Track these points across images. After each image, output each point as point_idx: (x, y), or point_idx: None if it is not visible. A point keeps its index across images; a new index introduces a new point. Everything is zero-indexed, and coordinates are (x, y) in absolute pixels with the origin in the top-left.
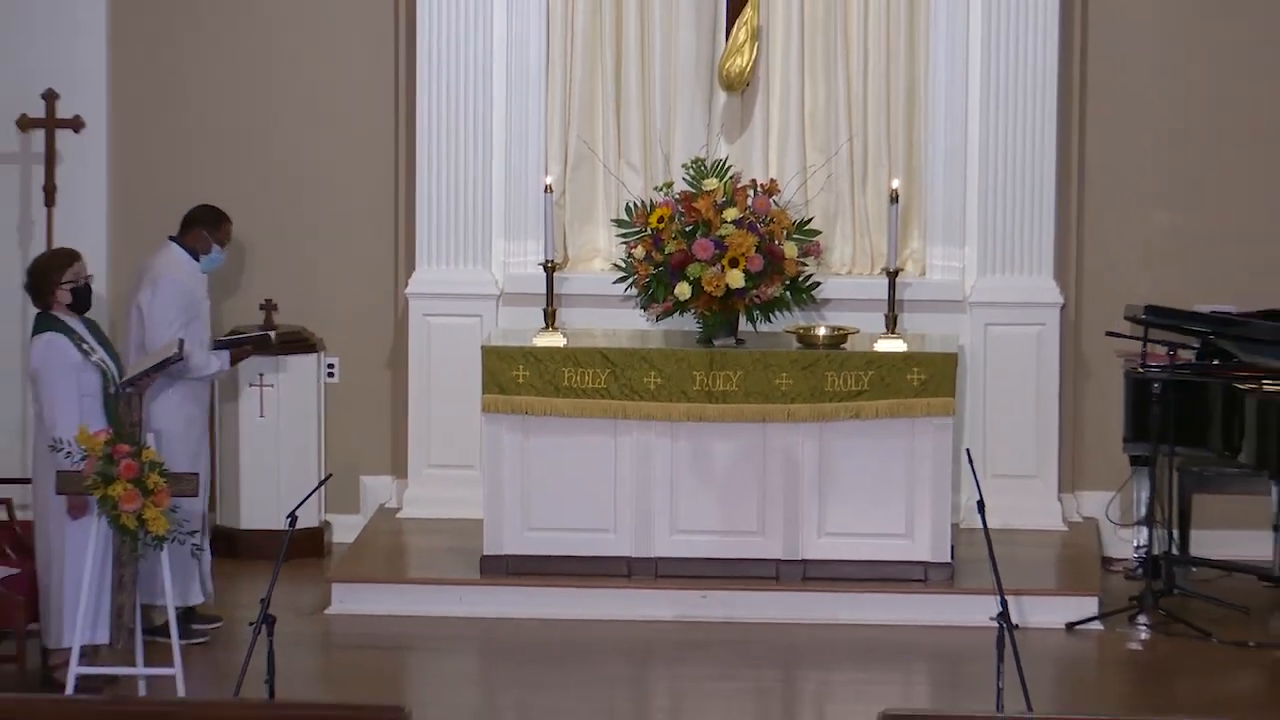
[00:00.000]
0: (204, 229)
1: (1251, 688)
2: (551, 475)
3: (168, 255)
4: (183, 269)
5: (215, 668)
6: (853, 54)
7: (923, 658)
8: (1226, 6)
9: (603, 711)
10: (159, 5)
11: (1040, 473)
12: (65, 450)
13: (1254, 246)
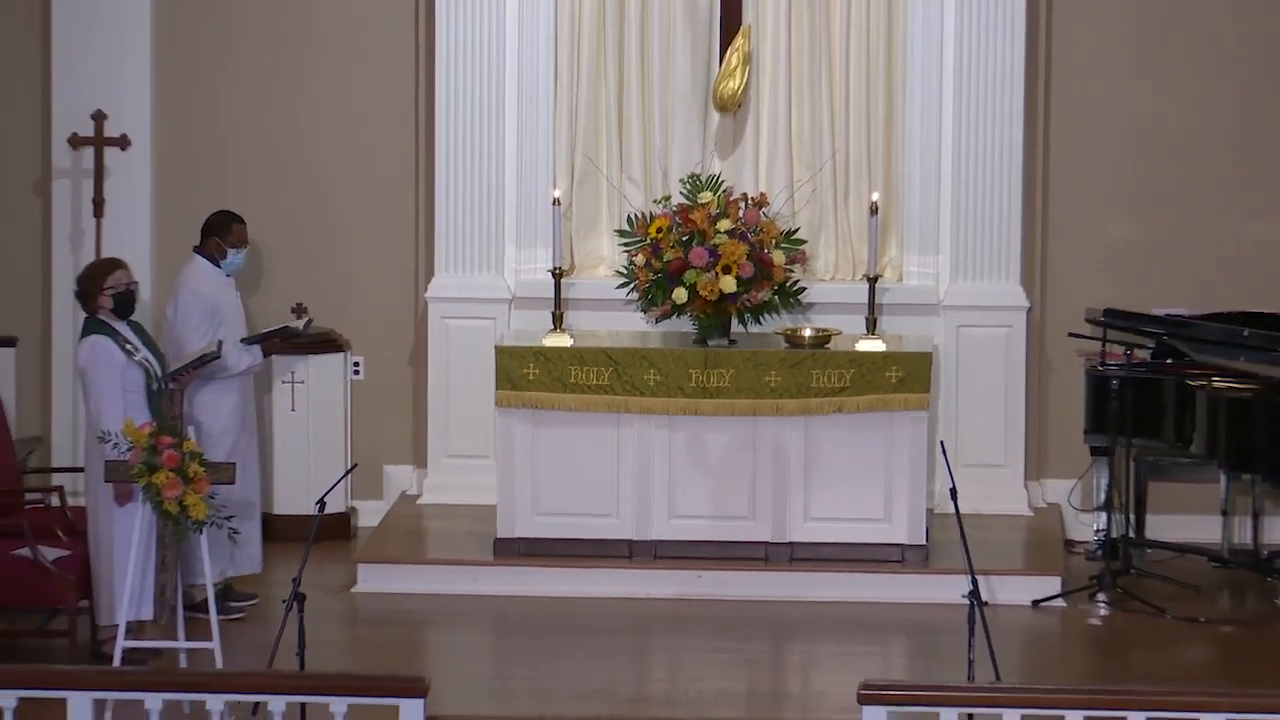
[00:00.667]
0: (216, 237)
1: (1201, 660)
2: (559, 465)
3: (191, 267)
4: (205, 279)
5: (250, 641)
6: (835, 78)
7: (900, 632)
8: (1175, 39)
9: (606, 680)
10: (198, 35)
11: (1008, 462)
12: (113, 442)
13: (1204, 254)
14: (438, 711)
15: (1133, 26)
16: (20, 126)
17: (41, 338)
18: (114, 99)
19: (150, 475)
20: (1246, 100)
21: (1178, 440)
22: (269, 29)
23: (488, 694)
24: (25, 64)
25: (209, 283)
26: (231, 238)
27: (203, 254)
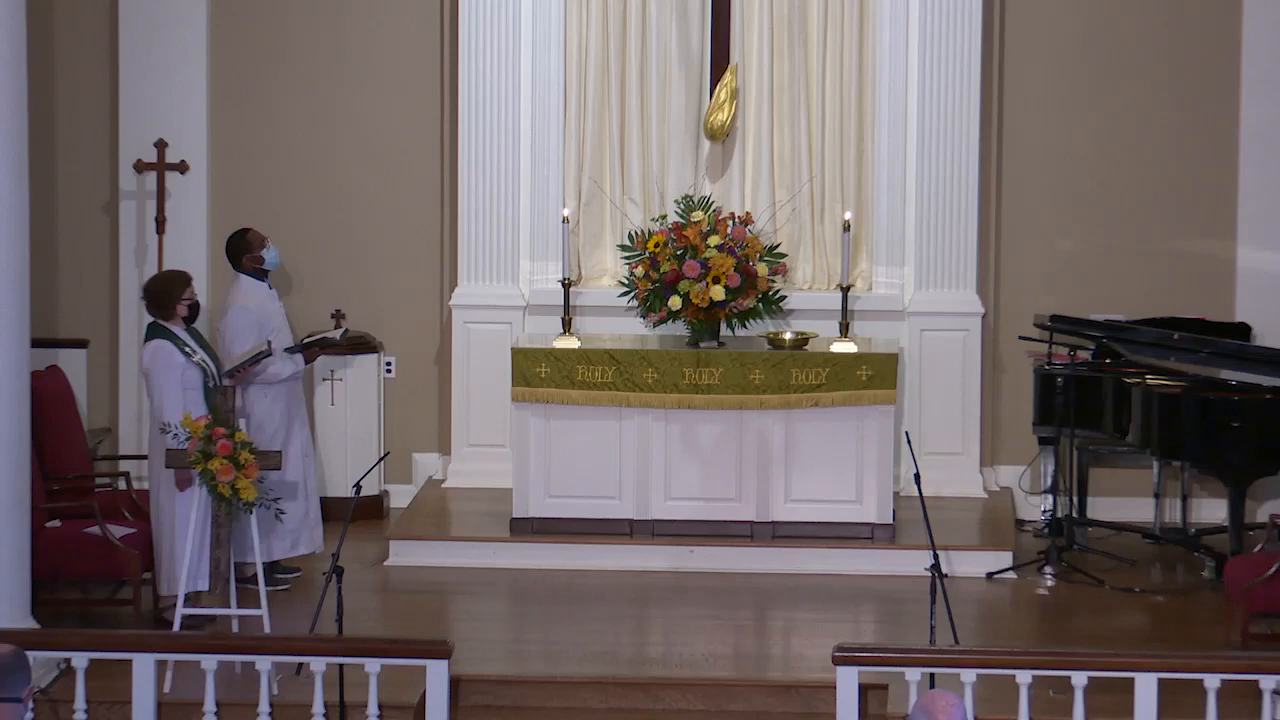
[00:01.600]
0: (244, 254)
1: (1136, 625)
2: (568, 452)
3: (236, 287)
4: (252, 295)
5: (294, 609)
6: (813, 111)
7: (869, 601)
8: (1113, 75)
9: (609, 643)
10: (248, 71)
11: (965, 450)
12: (173, 433)
13: (1139, 266)
14: (460, 671)
15: (1076, 64)
16: (91, 153)
17: (110, 340)
18: (174, 129)
19: (206, 462)
20: (1176, 129)
21: (1115, 431)
22: (310, 67)
23: (504, 656)
24: (95, 98)
25: (255, 298)
26: (255, 245)
27: (244, 272)
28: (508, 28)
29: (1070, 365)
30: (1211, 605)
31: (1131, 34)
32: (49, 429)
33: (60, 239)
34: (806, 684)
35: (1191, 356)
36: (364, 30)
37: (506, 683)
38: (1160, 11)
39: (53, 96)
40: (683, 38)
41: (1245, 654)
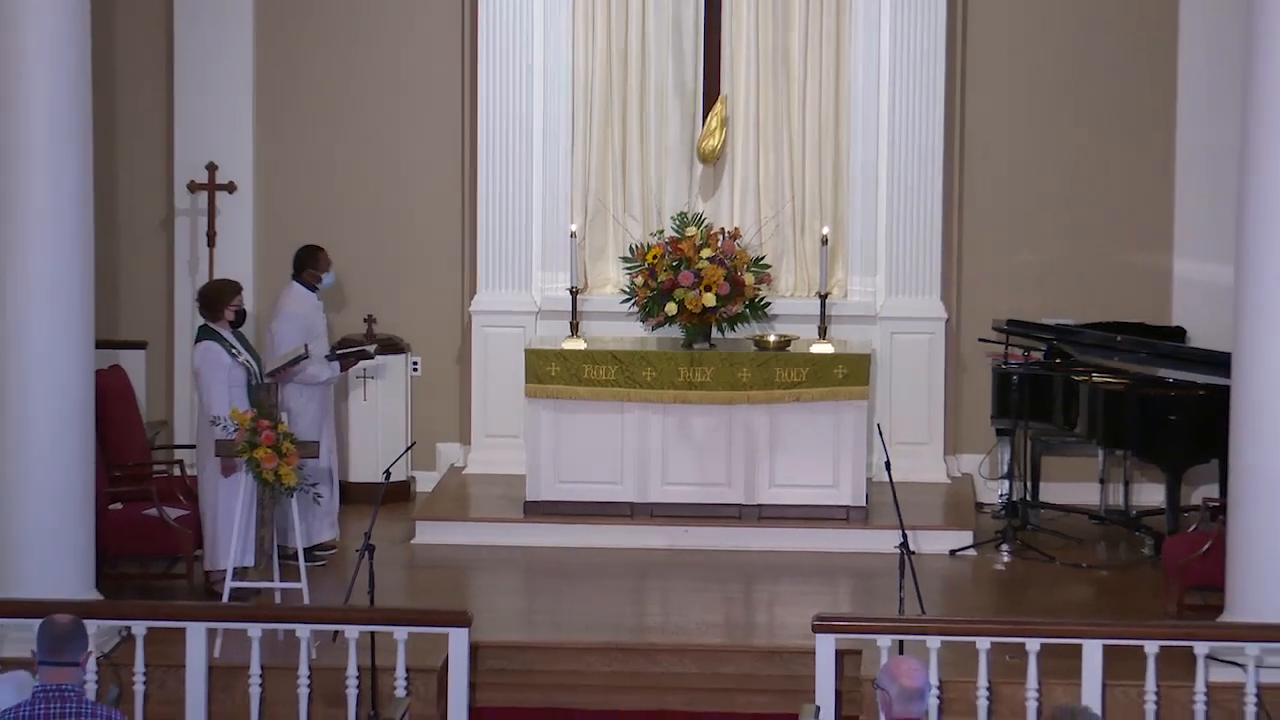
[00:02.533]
0: (308, 268)
1: (1083, 597)
2: (575, 443)
3: (289, 292)
4: (302, 302)
5: (330, 583)
6: (794, 136)
7: (845, 575)
8: (1065, 102)
9: (612, 613)
10: (289, 100)
11: (930, 440)
12: (223, 425)
13: (1086, 276)
14: (478, 639)
15: (1029, 95)
16: (149, 175)
17: (166, 342)
18: (223, 152)
19: (252, 451)
20: (1119, 153)
21: (1065, 423)
22: (345, 97)
23: (519, 625)
24: (153, 125)
25: (304, 306)
26: (320, 266)
27: (300, 282)
28: (522, 63)
29: (1024, 365)
30: (1151, 580)
31: (1080, 68)
32: (111, 422)
33: (122, 251)
34: (789, 650)
35: (1133, 357)
36: (393, 64)
37: (520, 648)
38: (1104, 48)
39: (114, 124)
40: (677, 71)
41: (1181, 623)
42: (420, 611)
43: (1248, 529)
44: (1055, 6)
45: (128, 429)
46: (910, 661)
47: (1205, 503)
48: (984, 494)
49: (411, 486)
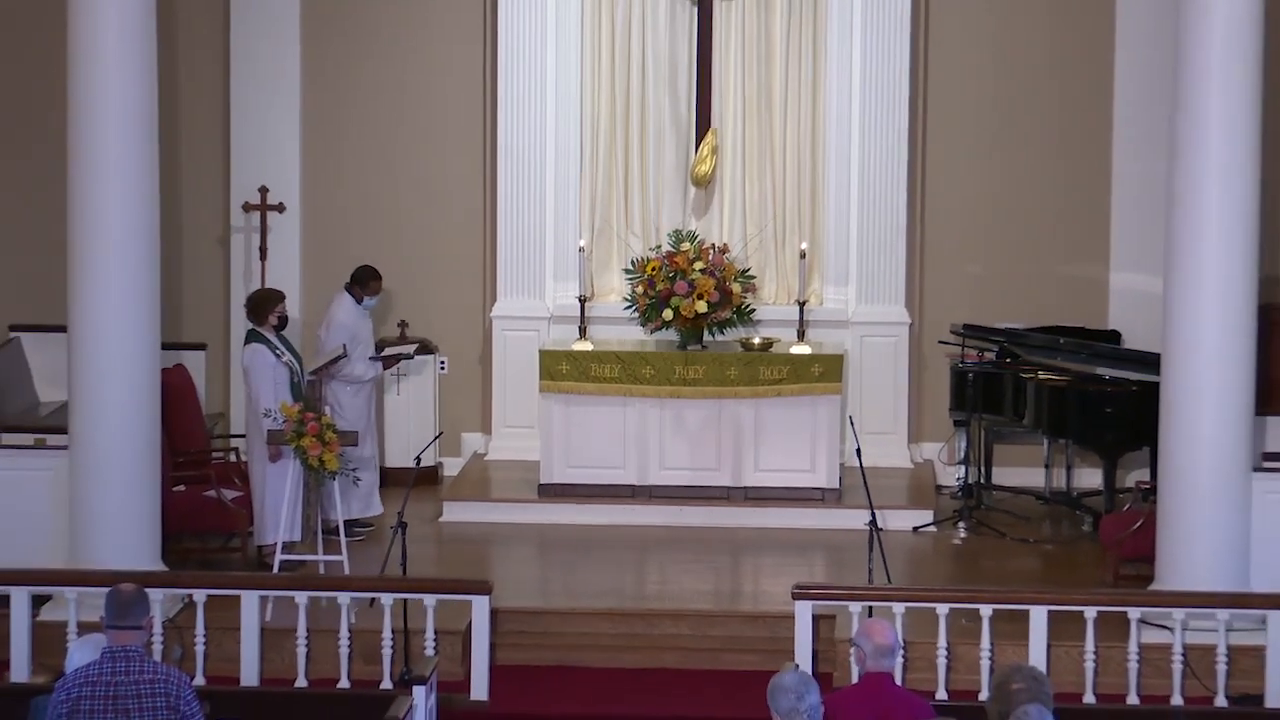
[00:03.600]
0: (358, 286)
1: (1030, 568)
2: (583, 432)
3: (339, 301)
4: (348, 311)
5: (368, 556)
6: (775, 164)
7: (820, 549)
8: (1013, 133)
9: (616, 582)
10: (331, 130)
11: (896, 430)
12: (273, 417)
13: (1033, 286)
14: (498, 605)
15: (983, 126)
16: (209, 197)
17: (223, 344)
18: (274, 177)
19: (299, 440)
20: (1062, 177)
21: (1014, 415)
22: (381, 127)
23: (534, 592)
24: (211, 153)
25: (351, 314)
26: (370, 289)
27: (350, 292)
28: (537, 99)
29: (978, 364)
30: (1090, 553)
31: (1027, 103)
32: (175, 414)
33: (185, 264)
34: (771, 615)
35: (1074, 357)
36: (423, 100)
37: (535, 613)
38: (1049, 86)
39: (178, 151)
40: (673, 106)
41: (1116, 591)
42: (447, 581)
43: (1175, 509)
44: (1004, 47)
45: (189, 420)
46: (882, 623)
47: (1138, 485)
48: (943, 477)
49: (439, 471)
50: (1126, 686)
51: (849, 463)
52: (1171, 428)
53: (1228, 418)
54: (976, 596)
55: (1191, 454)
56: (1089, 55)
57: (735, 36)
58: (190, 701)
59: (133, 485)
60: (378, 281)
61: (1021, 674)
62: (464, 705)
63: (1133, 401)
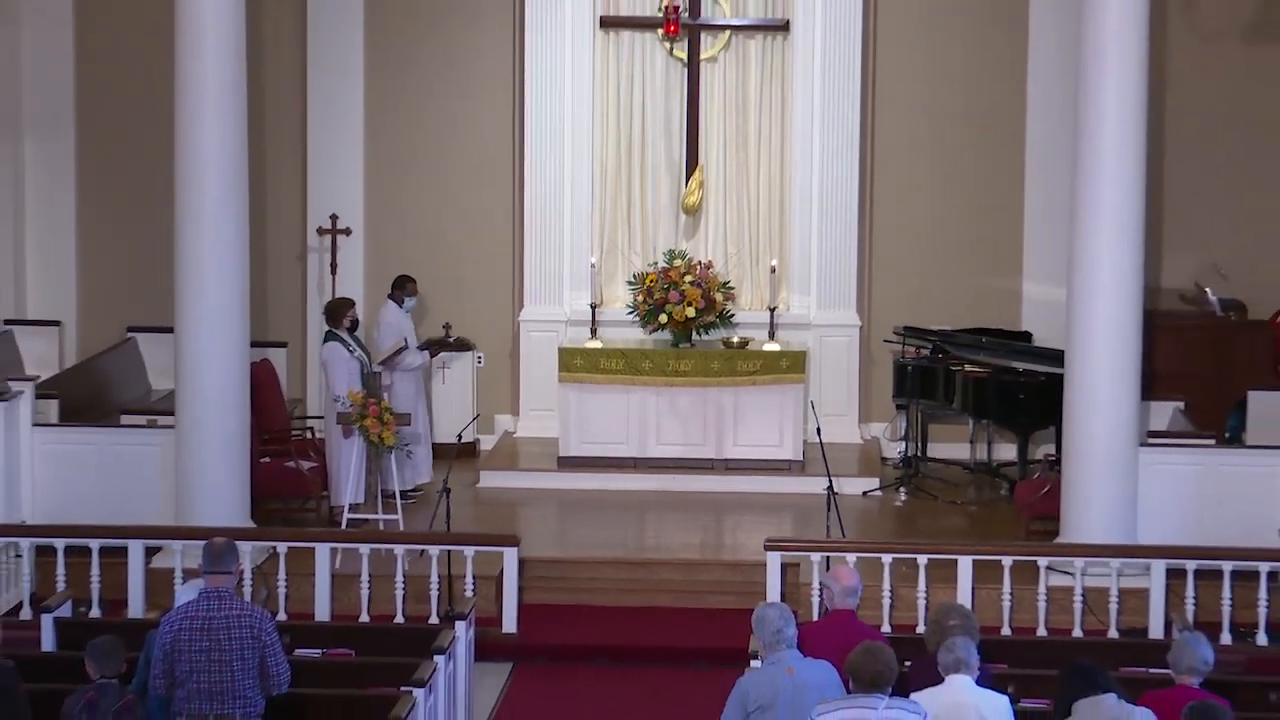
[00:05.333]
0: (398, 290)
1: (958, 525)
2: (594, 415)
3: (385, 307)
4: (394, 315)
5: (419, 515)
6: (751, 194)
7: (787, 510)
8: (944, 167)
9: (620, 536)
10: (388, 167)
11: (848, 412)
12: (342, 402)
13: (960, 294)
14: (524, 555)
15: (919, 161)
16: (290, 223)
17: (301, 343)
18: (342, 205)
19: (363, 420)
20: (982, 204)
21: (945, 400)
22: (428, 163)
23: (554, 544)
24: (292, 187)
25: (395, 315)
26: (407, 292)
27: (392, 299)
28: (556, 141)
29: (916, 359)
30: (1006, 513)
31: (954, 142)
32: (261, 400)
33: (269, 277)
34: (747, 563)
35: (994, 353)
36: (463, 140)
37: (555, 562)
38: (971, 128)
39: (264, 185)
40: (667, 148)
41: (1028, 543)
42: (483, 535)
43: (1076, 476)
44: (935, 100)
45: (273, 405)
46: (848, 569)
47: (1046, 457)
48: (887, 451)
49: (477, 446)
50: (1037, 621)
51: (810, 439)
52: (1073, 410)
53: (1119, 402)
54: (915, 548)
55: (1089, 432)
56: (1005, 104)
57: (718, 92)
58: (270, 633)
59: (227, 457)
60: (413, 284)
61: (954, 612)
62: (497, 637)
63: (1041, 389)
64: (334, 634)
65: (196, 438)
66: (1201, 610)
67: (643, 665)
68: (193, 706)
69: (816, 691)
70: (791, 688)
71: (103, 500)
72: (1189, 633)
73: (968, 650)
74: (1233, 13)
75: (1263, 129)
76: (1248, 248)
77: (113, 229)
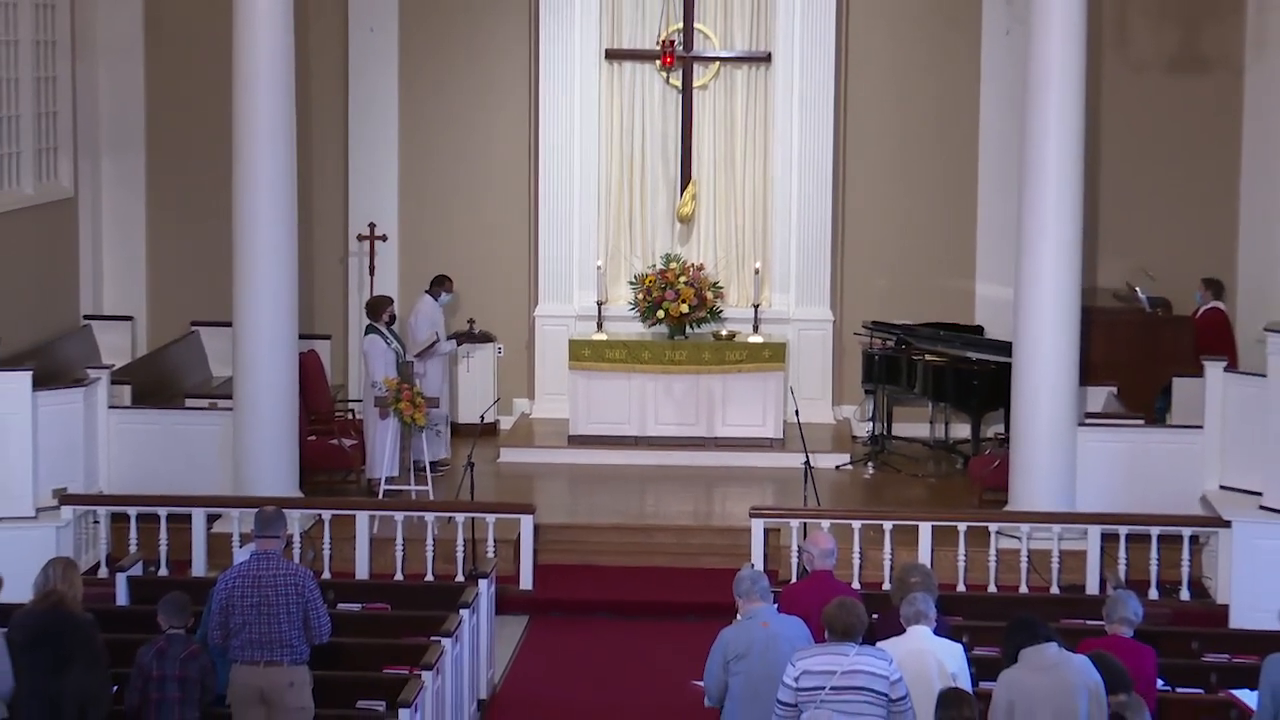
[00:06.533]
0: (435, 287)
1: (919, 496)
2: (600, 398)
3: (422, 300)
4: (429, 308)
5: (447, 486)
6: (738, 205)
7: (769, 481)
8: (908, 178)
9: (623, 505)
10: (420, 179)
11: (823, 397)
12: (379, 388)
13: (921, 293)
14: (539, 521)
15: (885, 172)
16: (333, 230)
17: (343, 335)
18: (379, 215)
19: (397, 403)
20: (942, 213)
21: (908, 386)
22: (453, 178)
23: (565, 512)
24: (335, 197)
25: (431, 309)
26: (444, 288)
27: (430, 294)
28: (566, 159)
29: (882, 349)
30: (961, 484)
31: (917, 160)
32: (309, 385)
33: (315, 278)
34: (735, 528)
35: (951, 344)
36: (484, 157)
37: (566, 527)
38: (931, 148)
39: (310, 196)
40: (664, 165)
41: (980, 511)
42: (503, 504)
43: (1022, 452)
44: (900, 125)
45: (319, 390)
46: (825, 534)
47: (996, 436)
48: (857, 430)
49: (497, 425)
50: (988, 579)
51: (789, 420)
52: (1020, 394)
53: (1060, 388)
54: (881, 515)
55: (1034, 413)
56: (960, 128)
57: (708, 116)
58: (312, 590)
59: (278, 435)
60: (450, 282)
61: (915, 571)
62: (515, 593)
63: (992, 376)
64: (372, 590)
65: (252, 419)
66: (1132, 569)
67: (642, 618)
68: (245, 654)
69: (787, 643)
70: (765, 639)
71: (169, 473)
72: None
73: (927, 604)
74: (1158, 48)
75: (1185, 149)
76: (1172, 252)
77: (178, 235)
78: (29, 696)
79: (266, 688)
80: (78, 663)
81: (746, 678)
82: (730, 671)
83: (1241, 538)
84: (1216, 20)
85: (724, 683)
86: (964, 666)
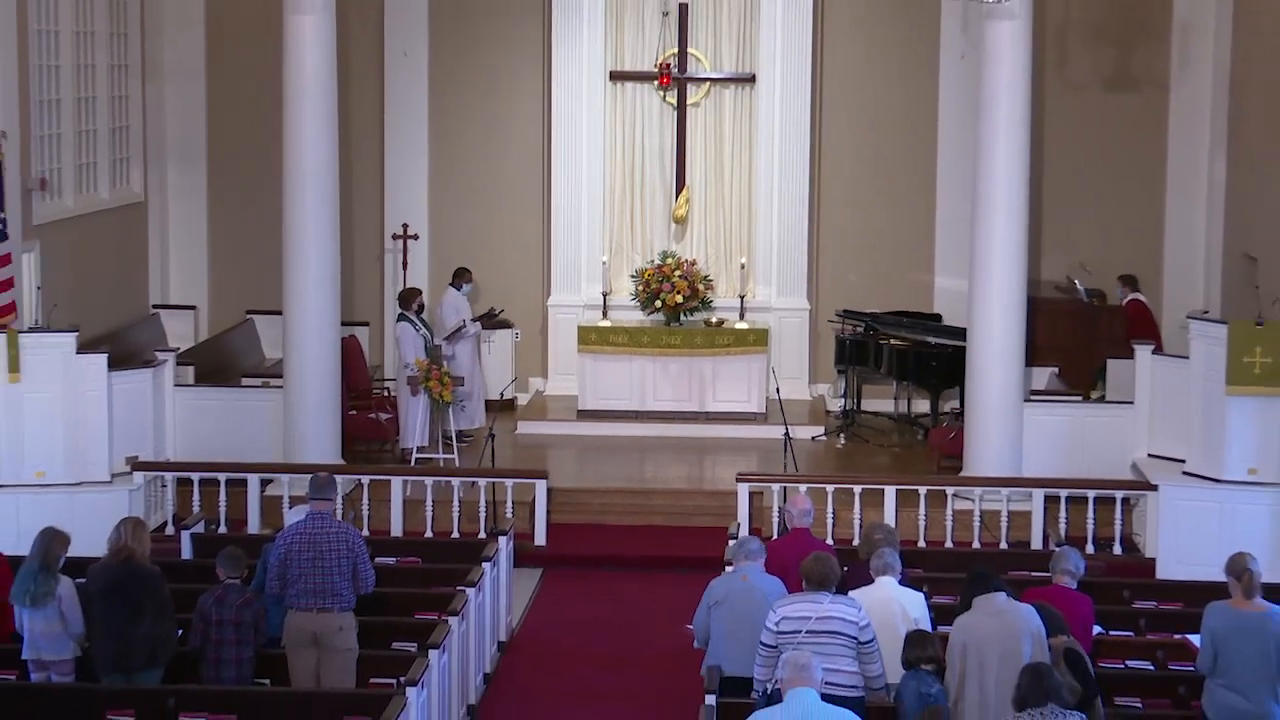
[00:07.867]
0: (457, 278)
1: (885, 463)
2: (605, 377)
3: (447, 293)
4: (454, 298)
5: (471, 454)
6: (726, 208)
7: (753, 450)
8: (877, 180)
9: (626, 472)
10: (447, 182)
11: (800, 376)
12: (411, 369)
13: (887, 285)
14: (552, 485)
15: (857, 177)
16: (371, 230)
17: (380, 322)
18: (411, 215)
19: (427, 382)
20: (905, 214)
21: (875, 367)
22: (476, 182)
23: (575, 478)
24: (372, 200)
25: (455, 298)
26: (465, 279)
27: (453, 285)
28: (574, 167)
29: (853, 335)
30: (922, 453)
31: (884, 166)
32: (349, 366)
33: (355, 272)
34: (724, 492)
35: (913, 330)
36: (502, 164)
37: (576, 491)
38: (896, 154)
39: (351, 200)
40: (661, 172)
41: (939, 476)
42: (520, 470)
43: (975, 425)
44: (869, 135)
45: (359, 370)
46: (803, 495)
47: (952, 410)
48: (831, 405)
49: (515, 401)
50: (945, 536)
51: (771, 396)
52: (973, 374)
53: (1008, 368)
54: (851, 480)
55: (986, 390)
56: (921, 140)
57: (700, 129)
58: (360, 546)
59: (322, 410)
60: (469, 274)
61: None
62: (530, 549)
63: (950, 358)
64: (405, 546)
65: (300, 395)
66: (1071, 527)
67: (642, 570)
68: (301, 602)
69: (760, 595)
70: (741, 589)
71: (227, 443)
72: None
73: (893, 558)
74: (1095, 69)
75: (1118, 158)
76: (1107, 250)
77: (235, 235)
78: (105, 639)
79: (319, 631)
80: (147, 610)
81: (723, 621)
82: (712, 616)
83: (1167, 499)
84: (1146, 44)
85: (709, 626)
86: (925, 613)
